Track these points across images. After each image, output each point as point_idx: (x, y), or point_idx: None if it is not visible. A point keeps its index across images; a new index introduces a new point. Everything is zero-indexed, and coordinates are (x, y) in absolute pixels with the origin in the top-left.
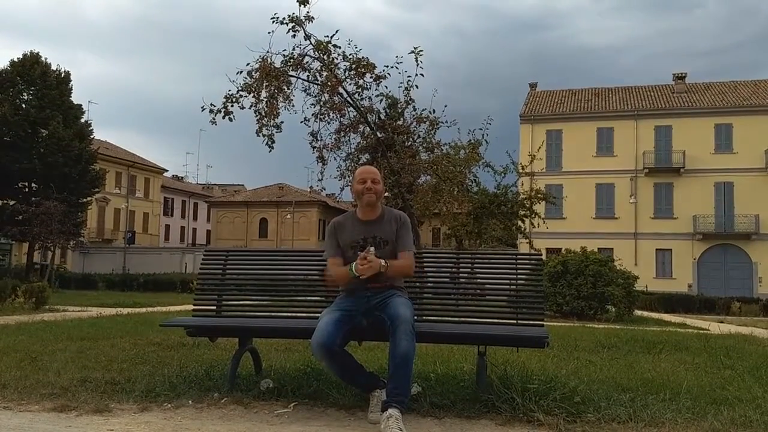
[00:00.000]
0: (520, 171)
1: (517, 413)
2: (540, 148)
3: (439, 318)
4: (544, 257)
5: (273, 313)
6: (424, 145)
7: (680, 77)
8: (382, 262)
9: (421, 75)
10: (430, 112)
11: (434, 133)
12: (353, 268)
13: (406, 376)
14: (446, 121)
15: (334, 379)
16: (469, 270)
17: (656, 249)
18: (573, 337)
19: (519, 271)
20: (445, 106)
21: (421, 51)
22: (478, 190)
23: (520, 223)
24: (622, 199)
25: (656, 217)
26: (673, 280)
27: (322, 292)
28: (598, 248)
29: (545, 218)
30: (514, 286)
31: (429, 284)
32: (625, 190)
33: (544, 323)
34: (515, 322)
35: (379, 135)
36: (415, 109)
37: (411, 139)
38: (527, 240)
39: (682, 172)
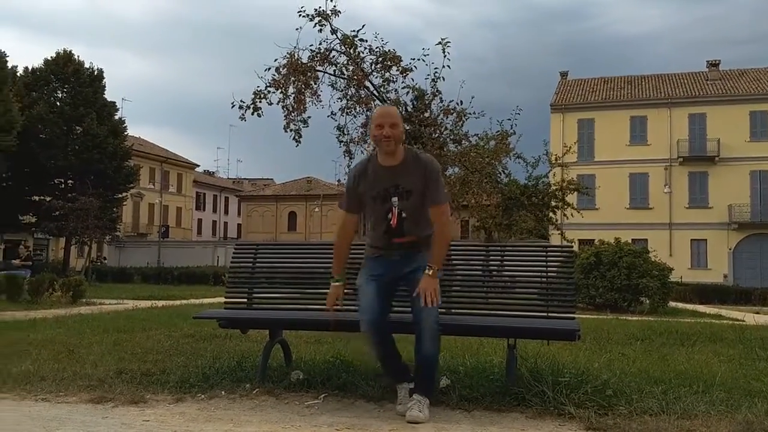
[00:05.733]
0: (552, 162)
1: (548, 406)
2: (576, 142)
3: (469, 310)
4: (576, 248)
5: (302, 305)
6: (452, 137)
7: (714, 64)
8: (428, 271)
9: (448, 67)
10: (457, 104)
11: (462, 125)
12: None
13: (430, 373)
14: (474, 113)
15: (363, 370)
16: (499, 262)
17: (691, 239)
18: (605, 329)
19: (549, 263)
20: (473, 97)
21: (448, 42)
22: (509, 181)
23: (551, 214)
24: (657, 189)
25: (691, 207)
26: (709, 270)
27: (349, 284)
28: (632, 239)
29: (578, 209)
30: (544, 279)
31: (458, 277)
32: (659, 179)
33: (576, 316)
34: (546, 314)
35: (405, 127)
36: (442, 101)
37: (438, 131)
38: (559, 231)
39: (716, 161)
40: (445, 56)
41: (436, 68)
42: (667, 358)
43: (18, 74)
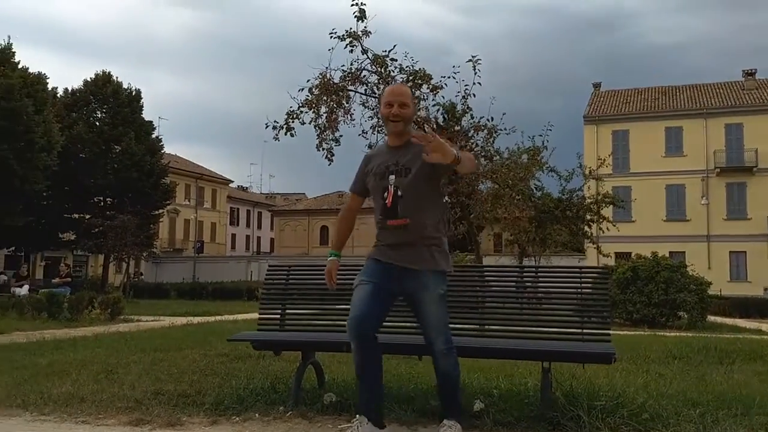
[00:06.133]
0: (587, 174)
1: (583, 431)
2: (610, 155)
3: (502, 334)
4: (612, 262)
5: (335, 322)
6: (483, 154)
7: (750, 73)
8: (454, 151)
9: (479, 83)
10: (488, 120)
11: (493, 141)
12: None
13: (453, 393)
14: (505, 128)
15: (396, 393)
16: (532, 283)
17: (729, 251)
18: (643, 346)
19: (583, 284)
20: (504, 114)
21: (479, 60)
22: (542, 194)
23: (586, 228)
24: (694, 201)
25: (729, 219)
26: (748, 283)
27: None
28: (669, 252)
29: (614, 222)
30: (579, 301)
31: (491, 299)
32: (696, 190)
33: (613, 332)
34: (581, 336)
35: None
36: (472, 117)
37: (468, 145)
38: (594, 245)
39: (755, 171)
40: (475, 73)
41: (466, 85)
42: (706, 378)
43: (58, 95)
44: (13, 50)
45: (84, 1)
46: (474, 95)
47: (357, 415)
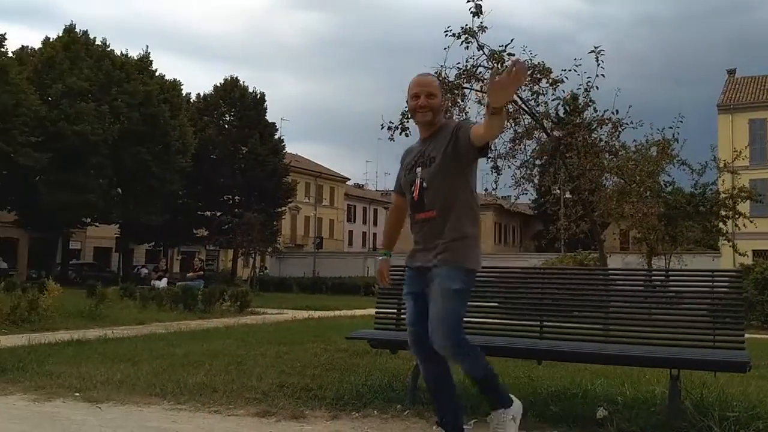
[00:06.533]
0: (721, 167)
1: None
2: (747, 146)
3: (630, 339)
4: (750, 260)
5: None
6: (607, 149)
7: None
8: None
9: (602, 75)
10: (612, 113)
11: (618, 135)
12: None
13: (487, 389)
14: (631, 121)
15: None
16: (661, 285)
17: None
18: None
19: (716, 288)
20: (630, 106)
21: (602, 51)
22: (672, 189)
23: (721, 224)
24: None
25: None
26: None
27: (498, 298)
28: None
29: (751, 218)
30: (710, 305)
31: (618, 303)
32: None
33: (747, 337)
34: (712, 343)
35: (557, 134)
36: (596, 111)
37: (592, 137)
38: (730, 243)
39: None
40: (598, 64)
41: (588, 77)
42: None
43: (191, 100)
44: (150, 59)
45: (213, 9)
46: (597, 87)
47: (434, 427)
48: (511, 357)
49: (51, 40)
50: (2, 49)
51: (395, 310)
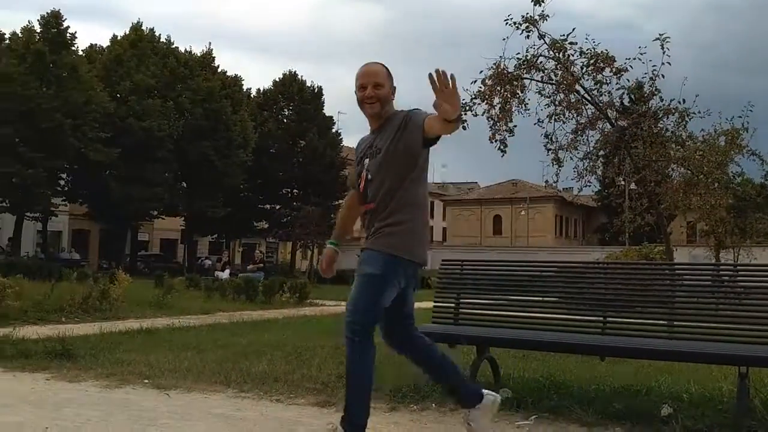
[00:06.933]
0: None
1: None
2: None
3: (696, 336)
4: None
5: (509, 315)
6: (674, 140)
7: None
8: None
9: (668, 63)
10: (679, 102)
11: (685, 125)
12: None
13: (355, 394)
14: (699, 111)
15: (576, 394)
16: (729, 282)
17: None
18: None
19: None
20: (696, 95)
21: (668, 38)
22: (742, 180)
23: None
24: None
25: None
26: None
27: (558, 293)
28: None
29: None
30: None
31: (684, 298)
32: None
33: None
34: None
35: (622, 124)
36: (661, 100)
37: (658, 127)
38: None
39: None
40: (664, 53)
41: (654, 66)
42: None
43: (252, 96)
44: (213, 55)
45: (273, 5)
46: (663, 76)
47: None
48: (573, 353)
49: (119, 38)
50: (73, 48)
51: (453, 304)
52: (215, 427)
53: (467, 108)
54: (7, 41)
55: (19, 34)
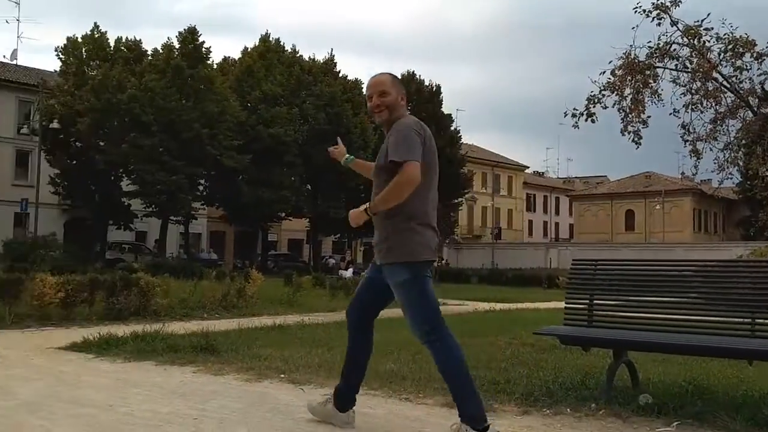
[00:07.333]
0: None
1: None
2: None
3: None
4: None
5: (647, 315)
6: None
7: None
8: (362, 208)
9: None
10: None
11: None
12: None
13: (453, 389)
14: None
15: (722, 399)
16: None
17: None
18: None
19: None
20: None
21: None
22: None
23: None
24: None
25: None
26: None
27: (698, 291)
28: None
29: None
30: None
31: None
32: None
33: None
34: None
35: (765, 111)
36: None
37: None
38: None
39: None
40: None
41: None
42: None
43: None
44: (334, 61)
45: (389, 6)
46: None
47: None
48: (720, 357)
49: (249, 49)
50: (208, 62)
51: (586, 307)
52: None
53: (596, 100)
54: (149, 58)
55: (160, 51)
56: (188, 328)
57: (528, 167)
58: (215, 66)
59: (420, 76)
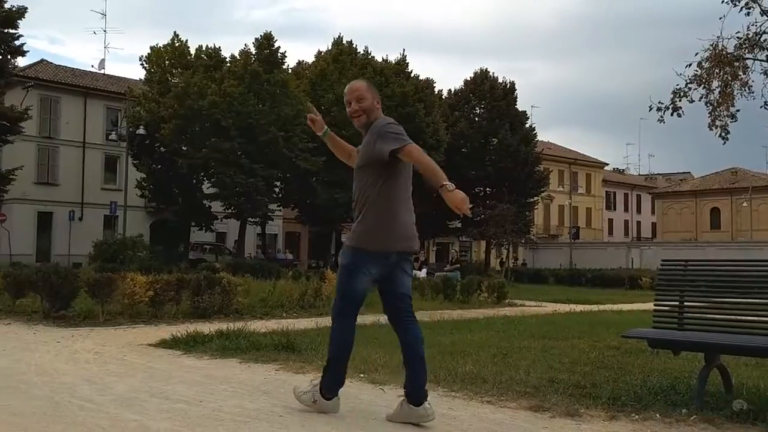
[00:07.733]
0: None
1: None
2: None
3: None
4: None
5: (741, 318)
6: None
7: None
8: (446, 189)
9: None
10: None
11: None
12: None
13: (325, 372)
14: None
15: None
16: None
17: None
18: None
19: None
20: None
21: None
22: None
23: None
24: None
25: None
26: None
27: None
28: None
29: None
30: None
31: None
32: None
33: None
34: None
35: None
36: None
37: None
38: None
39: None
40: None
41: None
42: None
43: (443, 97)
44: (406, 61)
45: (458, 7)
46: None
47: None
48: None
49: (322, 53)
50: (283, 66)
51: (677, 309)
52: (430, 424)
53: (682, 93)
54: (228, 64)
55: (238, 57)
56: (269, 327)
57: (607, 164)
58: (290, 70)
59: (494, 73)
